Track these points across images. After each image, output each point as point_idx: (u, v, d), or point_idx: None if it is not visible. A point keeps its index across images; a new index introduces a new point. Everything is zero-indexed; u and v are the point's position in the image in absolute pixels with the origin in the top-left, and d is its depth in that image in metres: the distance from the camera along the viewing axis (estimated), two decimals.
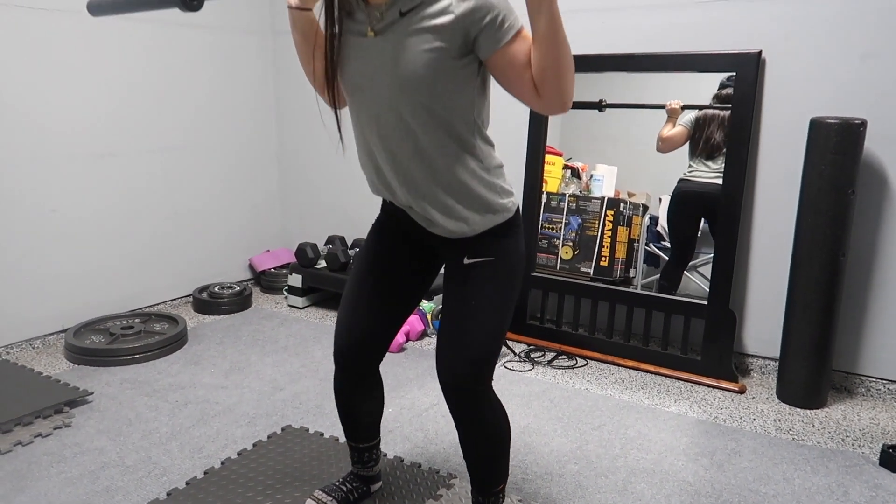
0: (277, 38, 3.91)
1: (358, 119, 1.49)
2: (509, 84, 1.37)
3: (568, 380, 2.76)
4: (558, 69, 1.29)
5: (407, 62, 1.34)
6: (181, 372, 2.77)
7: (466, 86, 1.39)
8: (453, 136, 1.42)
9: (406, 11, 1.34)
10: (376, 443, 1.85)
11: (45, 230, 2.97)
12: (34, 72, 2.86)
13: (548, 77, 1.29)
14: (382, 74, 1.38)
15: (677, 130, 2.94)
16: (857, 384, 2.65)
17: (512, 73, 1.34)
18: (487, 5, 1.30)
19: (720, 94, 2.81)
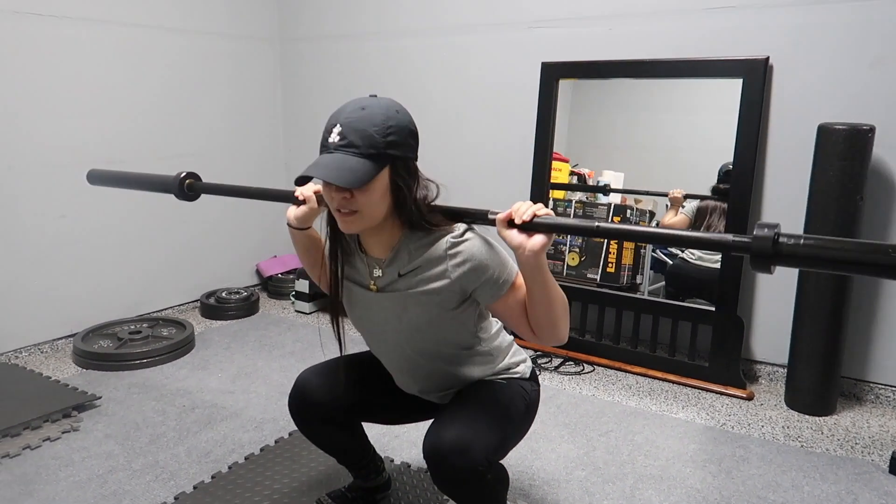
0: (285, 46, 3.93)
1: (367, 340, 1.63)
2: (506, 323, 1.46)
3: (575, 386, 2.76)
4: (553, 321, 1.36)
5: (409, 320, 1.45)
6: (188, 377, 2.78)
7: (466, 322, 1.49)
8: (456, 356, 1.53)
9: (404, 273, 1.42)
10: (370, 458, 1.83)
11: (54, 236, 2.99)
12: (44, 80, 2.89)
13: (543, 326, 1.37)
14: (386, 325, 1.50)
15: (679, 218, 3.01)
16: (867, 391, 2.64)
17: (509, 316, 1.41)
18: (482, 266, 1.36)
19: (718, 186, 2.88)
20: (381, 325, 1.51)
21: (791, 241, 1.06)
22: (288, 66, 3.95)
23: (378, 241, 1.44)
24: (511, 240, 1.28)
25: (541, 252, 1.26)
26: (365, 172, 1.28)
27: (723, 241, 1.15)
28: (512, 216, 1.28)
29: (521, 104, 3.19)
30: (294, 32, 3.89)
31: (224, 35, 3.62)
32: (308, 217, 1.57)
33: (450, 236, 1.38)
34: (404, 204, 1.36)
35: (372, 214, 1.35)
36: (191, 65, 3.48)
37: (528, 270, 1.30)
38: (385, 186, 1.33)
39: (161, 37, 3.32)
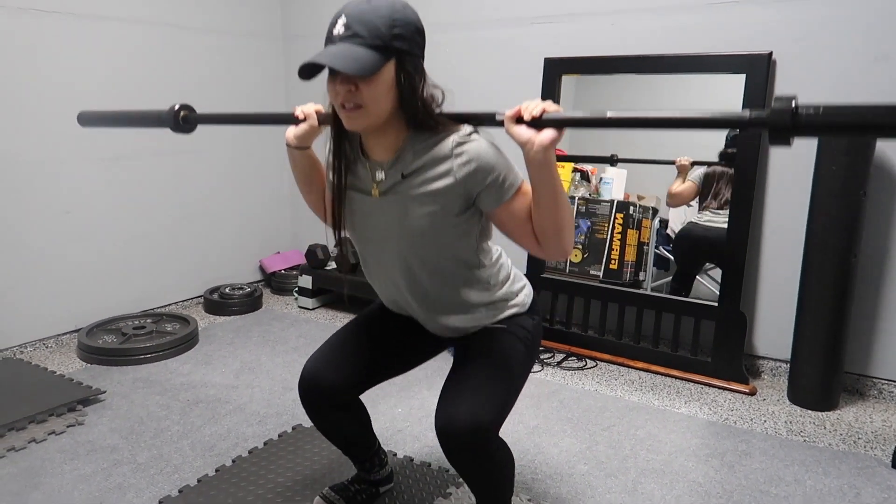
0: (288, 43, 3.94)
1: (364, 255, 1.58)
2: (510, 234, 1.42)
3: (577, 381, 2.76)
4: (558, 227, 1.33)
5: (411, 223, 1.40)
6: (192, 371, 2.79)
7: (469, 233, 1.46)
8: (458, 273, 1.49)
9: (408, 174, 1.38)
10: (375, 451, 1.84)
11: (58, 232, 3.00)
12: (48, 75, 2.90)
13: (548, 233, 1.34)
14: (388, 232, 1.45)
15: (686, 186, 2.99)
16: (870, 386, 2.64)
17: (513, 226, 1.38)
18: (488, 167, 1.33)
19: (726, 152, 2.86)
20: (382, 232, 1.46)
21: (811, 111, 1.04)
22: (292, 62, 3.96)
23: (382, 142, 1.40)
24: (520, 135, 1.25)
25: (550, 147, 1.23)
26: (370, 62, 1.25)
27: (740, 118, 1.12)
28: (521, 113, 1.26)
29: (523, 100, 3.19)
30: (297, 29, 3.90)
31: (228, 32, 3.63)
32: (308, 135, 1.54)
33: (455, 136, 1.35)
34: (410, 101, 1.32)
35: (377, 110, 1.31)
36: (195, 60, 3.48)
37: (535, 168, 1.26)
38: (390, 81, 1.30)
39: (165, 33, 3.33)
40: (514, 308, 1.57)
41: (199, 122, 1.83)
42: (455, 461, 1.42)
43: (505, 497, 1.58)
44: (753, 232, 2.75)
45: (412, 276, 1.49)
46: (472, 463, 1.42)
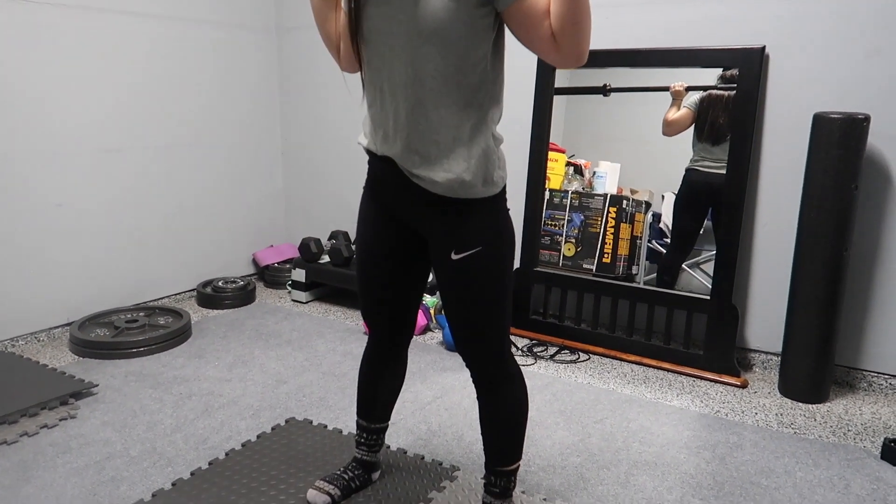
0: (282, 35, 3.92)
1: (373, 72, 1.47)
2: (527, 34, 1.34)
3: (570, 374, 2.77)
4: (578, 19, 1.26)
5: (426, 6, 1.33)
6: (185, 365, 2.79)
7: (482, 39, 1.38)
8: (465, 92, 1.41)
9: None
10: (385, 426, 1.90)
11: (51, 224, 2.98)
12: (41, 68, 2.88)
13: (566, 26, 1.27)
14: (401, 20, 1.36)
15: (682, 113, 2.92)
16: (860, 379, 2.66)
17: (530, 23, 1.32)
18: None
19: (724, 74, 2.79)
20: (397, 28, 1.38)
21: None
22: (285, 55, 3.94)
23: None
24: None
25: None
26: None
27: None
28: None
29: (517, 94, 3.19)
30: (291, 21, 3.88)
31: (221, 24, 3.61)
32: None
33: None
34: None
35: None
36: (189, 53, 3.46)
37: None
38: None
39: (157, 26, 3.30)
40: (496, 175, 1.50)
41: None
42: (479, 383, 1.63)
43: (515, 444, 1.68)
44: (750, 193, 2.74)
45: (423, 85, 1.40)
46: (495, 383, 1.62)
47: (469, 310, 1.53)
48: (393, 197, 1.56)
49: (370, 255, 1.66)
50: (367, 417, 1.86)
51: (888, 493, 1.95)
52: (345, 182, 3.84)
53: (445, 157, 1.44)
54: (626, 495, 1.92)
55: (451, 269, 1.51)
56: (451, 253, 1.50)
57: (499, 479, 1.68)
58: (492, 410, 1.65)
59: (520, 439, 1.68)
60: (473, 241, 1.49)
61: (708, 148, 2.87)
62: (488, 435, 1.67)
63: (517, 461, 1.69)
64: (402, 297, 1.70)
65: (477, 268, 1.50)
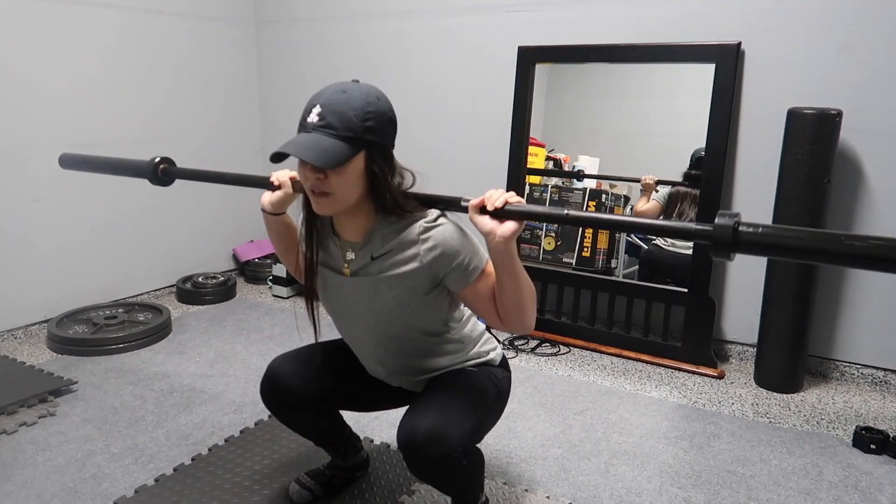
0: (260, 29, 3.90)
1: (338, 327, 1.64)
2: (474, 310, 1.49)
3: (551, 367, 2.80)
4: (520, 308, 1.38)
5: (379, 303, 1.46)
6: (166, 361, 2.77)
7: (438, 309, 1.50)
8: (429, 339, 1.54)
9: (377, 256, 1.42)
10: (346, 438, 1.86)
11: (27, 221, 2.95)
12: (15, 61, 2.83)
13: (510, 312, 1.39)
14: (358, 309, 1.50)
15: (651, 205, 3.03)
16: (832, 369, 2.72)
17: (478, 304, 1.44)
18: (453, 252, 1.37)
19: (690, 172, 2.90)
20: (353, 308, 1.52)
21: (750, 230, 1.10)
22: (264, 48, 3.92)
23: (351, 224, 1.45)
24: (482, 226, 1.30)
25: (511, 238, 1.28)
26: (340, 154, 1.28)
27: (686, 230, 1.20)
28: (484, 203, 1.30)
29: (497, 88, 3.21)
30: (270, 14, 3.85)
31: (199, 17, 3.57)
32: (283, 202, 1.59)
33: (423, 221, 1.40)
34: (379, 190, 1.37)
35: (345, 197, 1.35)
36: (167, 47, 3.43)
37: (497, 256, 1.32)
38: (360, 171, 1.34)
39: (135, 18, 3.27)
40: (484, 359, 1.61)
41: (178, 177, 1.93)
42: (418, 473, 1.43)
43: (473, 495, 1.61)
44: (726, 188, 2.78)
45: (383, 348, 1.55)
46: (436, 474, 1.44)
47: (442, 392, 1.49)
48: None
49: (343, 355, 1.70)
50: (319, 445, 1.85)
51: (859, 479, 2.01)
52: None
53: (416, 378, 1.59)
54: (606, 485, 1.96)
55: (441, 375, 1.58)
56: None
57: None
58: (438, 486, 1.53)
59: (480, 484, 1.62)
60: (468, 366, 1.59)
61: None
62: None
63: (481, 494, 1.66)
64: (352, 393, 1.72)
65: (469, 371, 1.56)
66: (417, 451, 1.37)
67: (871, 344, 2.64)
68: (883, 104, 2.47)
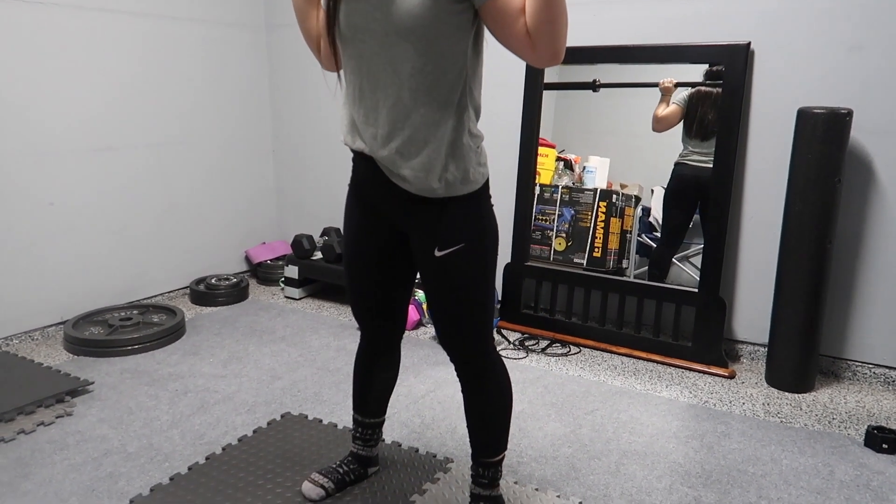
0: (271, 33, 3.93)
1: (352, 72, 1.48)
2: (502, 31, 1.35)
3: (562, 367, 2.81)
4: (552, 18, 1.27)
5: (403, 8, 1.34)
6: (180, 362, 2.81)
7: (460, 37, 1.39)
8: (444, 90, 1.42)
9: None
10: (381, 421, 1.92)
11: (43, 223, 2.99)
12: (32, 67, 2.88)
13: (542, 26, 1.28)
14: (380, 23, 1.37)
15: (671, 109, 2.96)
16: (844, 368, 2.71)
17: (505, 20, 1.32)
18: None
19: (711, 70, 2.83)
20: (373, 25, 1.38)
21: None
22: (275, 52, 3.95)
23: None
24: None
25: None
26: None
27: None
28: None
29: (507, 90, 3.22)
30: (281, 18, 3.89)
31: (212, 22, 3.61)
32: None
33: None
34: None
35: None
36: (179, 51, 3.47)
37: None
38: None
39: (148, 23, 3.31)
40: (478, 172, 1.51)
41: None
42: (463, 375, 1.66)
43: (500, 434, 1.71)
44: (736, 187, 2.79)
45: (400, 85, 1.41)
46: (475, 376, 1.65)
47: (452, 305, 1.56)
48: (375, 195, 1.58)
49: (356, 254, 1.68)
50: (362, 412, 1.89)
51: (871, 479, 2.00)
52: (336, 178, 3.86)
53: (425, 156, 1.45)
54: (617, 484, 1.96)
55: (435, 266, 1.53)
56: (435, 250, 1.51)
57: (486, 471, 1.71)
58: (476, 403, 1.68)
59: (504, 431, 1.71)
60: (456, 238, 1.50)
61: (697, 143, 2.91)
62: (474, 427, 1.70)
63: (503, 452, 1.72)
64: (390, 295, 1.72)
65: (460, 264, 1.52)
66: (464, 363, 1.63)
67: (884, 343, 2.63)
68: (893, 103, 2.47)
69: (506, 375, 1.68)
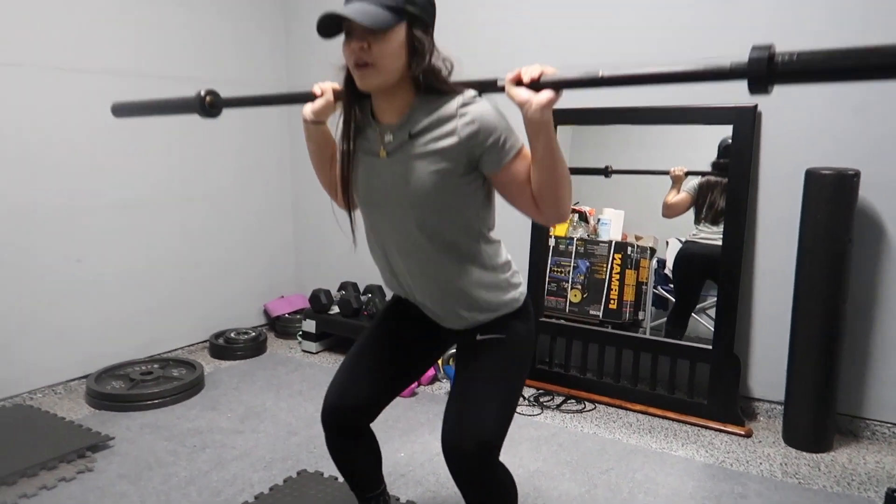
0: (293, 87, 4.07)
1: (371, 228, 1.62)
2: (511, 197, 1.47)
3: (576, 424, 2.81)
4: (555, 187, 1.39)
5: (416, 182, 1.45)
6: (199, 417, 2.85)
7: (472, 199, 1.50)
8: (460, 246, 1.52)
9: (415, 133, 1.46)
10: (381, 490, 1.88)
11: (70, 279, 3.09)
12: (62, 128, 3.02)
13: (546, 194, 1.40)
14: (394, 192, 1.49)
15: (681, 197, 3.06)
16: (863, 428, 2.68)
17: (513, 189, 1.44)
18: (490, 128, 1.41)
19: (719, 162, 2.93)
20: (388, 193, 1.50)
21: (785, 59, 1.07)
22: (297, 118, 4.07)
23: (391, 105, 1.48)
24: (519, 96, 1.32)
25: (547, 107, 1.30)
26: (384, 18, 1.35)
27: (720, 69, 1.19)
28: (520, 76, 1.33)
29: None
30: (301, 81, 4.04)
31: (238, 82, 3.76)
32: (324, 110, 1.63)
33: (461, 97, 1.43)
34: (419, 63, 1.41)
35: (388, 68, 1.39)
36: None
37: (534, 128, 1.33)
38: (401, 41, 1.39)
39: (175, 86, 3.45)
40: (510, 296, 1.59)
41: (225, 106, 1.94)
42: (461, 481, 1.53)
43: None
44: (747, 246, 2.81)
45: (417, 245, 1.52)
46: (478, 482, 1.52)
47: (479, 384, 1.54)
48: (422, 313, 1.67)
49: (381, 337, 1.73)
50: (357, 490, 1.85)
51: None
52: None
53: (456, 305, 1.56)
54: None
55: (472, 347, 1.59)
56: (477, 335, 1.58)
57: None
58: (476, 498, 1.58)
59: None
60: (497, 329, 1.58)
61: (707, 226, 2.99)
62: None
63: None
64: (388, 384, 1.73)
65: (496, 351, 1.57)
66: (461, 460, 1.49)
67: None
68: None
69: (508, 480, 1.61)
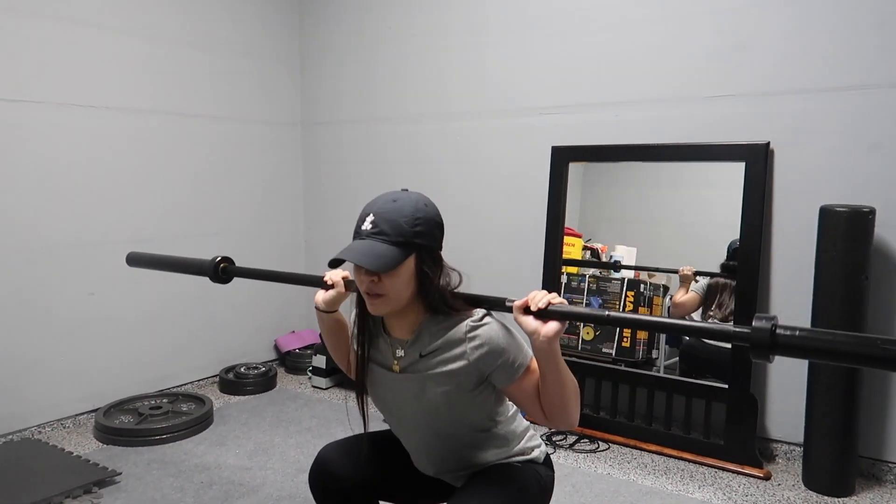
0: (305, 131, 4.14)
1: (388, 421, 1.68)
2: (519, 403, 1.53)
3: (590, 464, 2.75)
4: (563, 403, 1.44)
5: (429, 400, 1.50)
6: (207, 452, 2.81)
7: (485, 403, 1.54)
8: (476, 434, 1.56)
9: (425, 354, 1.50)
10: None
11: (81, 313, 3.10)
12: (79, 166, 3.07)
13: (555, 408, 1.44)
14: (408, 407, 1.56)
15: (690, 296, 3.05)
16: (885, 471, 2.61)
17: (523, 398, 1.49)
18: (499, 350, 1.45)
19: (727, 264, 2.94)
20: (402, 404, 1.57)
21: (787, 333, 1.12)
22: (309, 148, 4.14)
23: (402, 323, 1.52)
24: (527, 325, 1.37)
25: (555, 338, 1.35)
26: (392, 258, 1.38)
27: (725, 332, 1.25)
28: (528, 304, 1.37)
29: (532, 185, 3.32)
30: (315, 117, 4.10)
31: (251, 121, 3.82)
32: (335, 301, 1.68)
33: (469, 320, 1.46)
34: (428, 289, 1.45)
35: (398, 298, 1.44)
36: (218, 149, 3.66)
37: (542, 355, 1.38)
38: (411, 272, 1.43)
39: (190, 123, 3.52)
40: (528, 456, 1.62)
41: (237, 275, 2.02)
42: None
43: None
44: (762, 284, 2.77)
45: (432, 443, 1.59)
46: None
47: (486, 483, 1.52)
48: None
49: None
50: None
51: None
52: None
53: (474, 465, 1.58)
54: None
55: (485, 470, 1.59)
56: None
57: None
58: None
59: None
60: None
61: (715, 321, 2.97)
62: None
63: None
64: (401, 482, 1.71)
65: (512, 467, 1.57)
66: None
67: None
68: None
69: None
